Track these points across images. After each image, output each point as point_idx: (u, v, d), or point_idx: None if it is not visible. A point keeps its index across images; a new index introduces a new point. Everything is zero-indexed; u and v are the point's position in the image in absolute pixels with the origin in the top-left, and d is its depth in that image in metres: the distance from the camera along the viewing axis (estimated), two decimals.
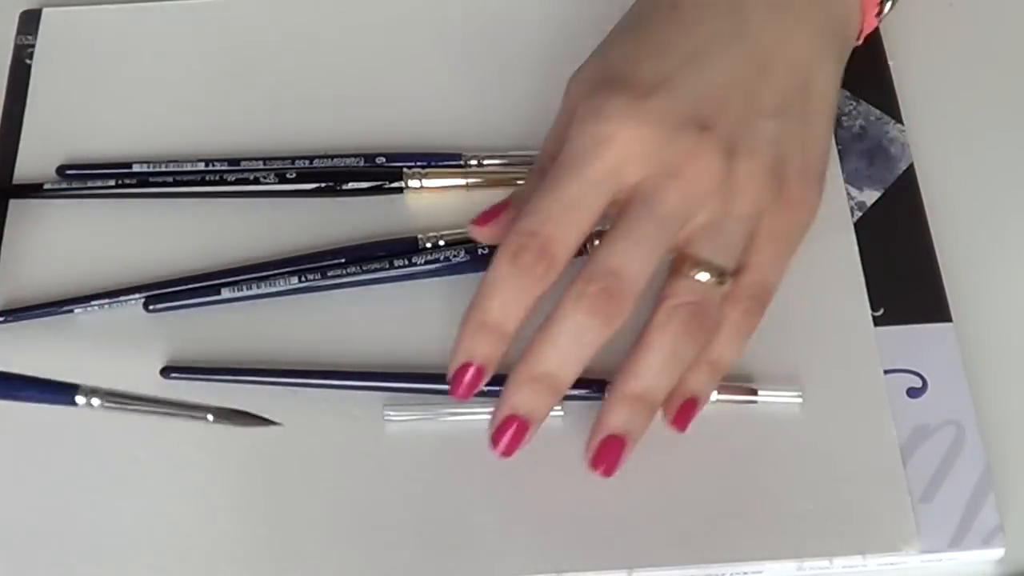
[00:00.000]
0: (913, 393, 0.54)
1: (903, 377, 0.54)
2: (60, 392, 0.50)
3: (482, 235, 0.54)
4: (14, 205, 0.60)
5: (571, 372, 0.49)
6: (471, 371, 0.49)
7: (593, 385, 0.53)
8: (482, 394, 0.50)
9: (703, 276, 0.50)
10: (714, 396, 0.53)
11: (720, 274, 0.50)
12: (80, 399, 0.51)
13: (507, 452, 0.50)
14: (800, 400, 0.53)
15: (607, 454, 0.50)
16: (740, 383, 0.53)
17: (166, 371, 0.55)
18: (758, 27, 0.52)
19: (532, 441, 0.51)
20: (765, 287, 0.52)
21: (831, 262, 0.57)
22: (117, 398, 0.50)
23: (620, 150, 0.49)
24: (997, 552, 0.51)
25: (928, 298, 0.56)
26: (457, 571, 0.51)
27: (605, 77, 0.51)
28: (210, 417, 0.51)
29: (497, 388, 0.50)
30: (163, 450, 0.54)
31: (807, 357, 0.55)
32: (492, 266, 0.49)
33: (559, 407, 0.52)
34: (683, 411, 0.51)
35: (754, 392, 0.53)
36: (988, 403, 0.54)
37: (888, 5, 0.57)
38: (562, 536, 0.51)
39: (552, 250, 0.49)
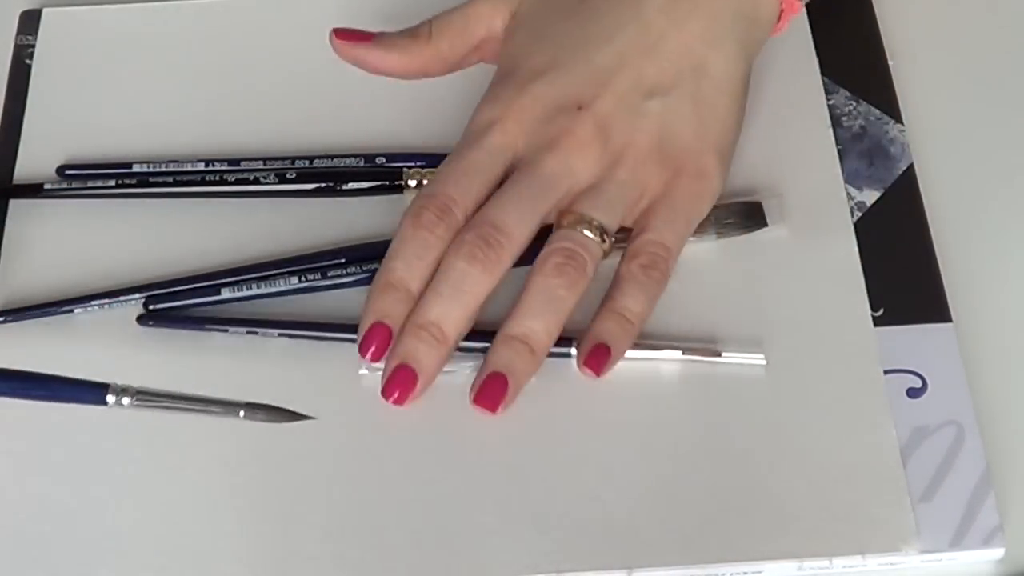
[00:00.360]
0: (913, 393, 0.54)
1: (903, 377, 0.54)
2: (90, 391, 0.51)
3: (340, 47, 0.61)
4: (14, 205, 0.60)
5: (454, 321, 0.53)
6: (380, 329, 0.53)
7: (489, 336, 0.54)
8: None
9: (580, 228, 0.54)
10: (678, 356, 0.54)
11: (600, 230, 0.54)
12: (111, 398, 0.51)
13: (399, 400, 0.53)
14: (764, 363, 0.54)
15: (489, 391, 0.53)
16: (705, 344, 0.55)
17: (143, 318, 0.56)
18: (654, 14, 0.57)
19: (532, 440, 0.51)
20: (663, 246, 0.55)
21: (831, 262, 0.57)
22: (147, 396, 0.51)
23: (508, 127, 0.55)
24: (997, 552, 0.51)
25: (928, 298, 0.56)
26: (457, 571, 0.51)
27: (503, 69, 0.58)
28: (241, 413, 0.51)
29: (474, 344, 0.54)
30: (163, 450, 0.54)
31: (807, 357, 0.55)
32: (397, 230, 0.54)
33: (451, 366, 0.54)
34: (593, 355, 0.54)
35: (718, 353, 0.54)
36: (988, 403, 0.54)
37: None
38: (562, 536, 0.51)
39: (449, 207, 0.54)
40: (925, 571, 0.51)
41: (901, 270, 0.57)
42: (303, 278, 0.56)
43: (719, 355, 0.54)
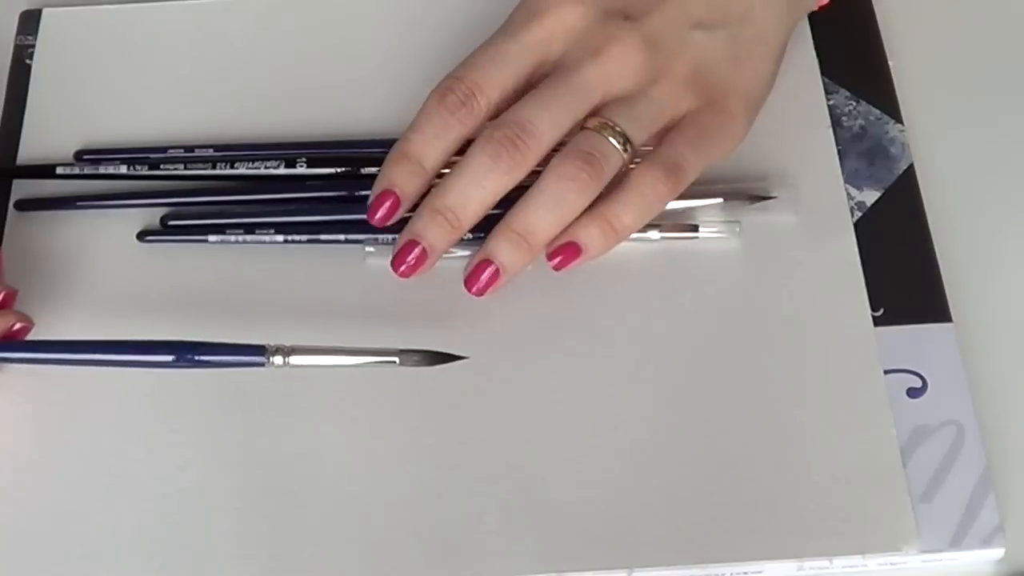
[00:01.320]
0: (913, 393, 0.54)
1: (903, 377, 0.54)
2: (248, 353, 0.51)
3: None
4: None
5: (470, 210, 0.54)
6: (390, 198, 0.55)
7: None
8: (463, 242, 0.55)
9: (605, 134, 0.54)
10: (656, 235, 0.56)
11: (624, 139, 0.54)
12: (269, 359, 0.50)
13: (405, 273, 0.55)
14: (739, 231, 0.57)
15: (478, 275, 0.54)
16: (681, 221, 0.57)
17: (142, 235, 0.58)
18: None
19: (532, 440, 0.51)
20: (677, 163, 0.55)
21: (831, 262, 0.57)
22: (302, 352, 0.50)
23: (551, 23, 0.55)
24: (997, 552, 0.51)
25: (928, 298, 0.56)
26: (457, 571, 0.51)
27: None
28: (397, 360, 0.52)
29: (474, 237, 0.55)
30: (163, 450, 0.54)
31: (807, 357, 0.55)
32: (422, 106, 0.55)
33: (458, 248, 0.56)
34: (563, 251, 0.54)
35: (695, 228, 0.57)
36: (988, 403, 0.54)
37: None
38: (562, 536, 0.51)
39: (475, 93, 0.54)
40: (925, 571, 0.51)
41: (901, 270, 0.57)
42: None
43: (696, 230, 0.57)
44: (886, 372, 0.54)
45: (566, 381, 0.54)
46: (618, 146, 0.54)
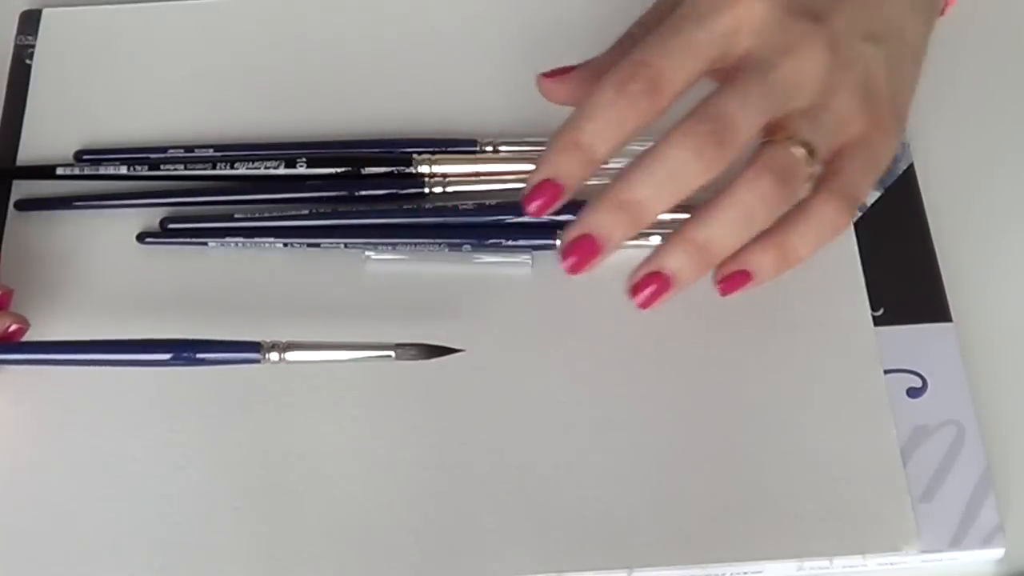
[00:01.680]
0: (913, 393, 0.54)
1: (903, 377, 0.54)
2: (244, 350, 0.51)
3: (549, 89, 0.56)
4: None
5: (658, 206, 0.49)
6: (551, 187, 0.50)
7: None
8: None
9: (796, 149, 0.50)
10: (657, 241, 0.54)
11: (811, 152, 0.50)
12: (265, 355, 0.50)
13: (575, 268, 0.50)
14: None
15: (648, 286, 0.51)
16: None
17: (142, 237, 0.58)
18: None
19: (532, 440, 0.51)
20: (856, 195, 0.52)
21: (831, 262, 0.57)
22: (298, 348, 0.50)
23: (741, 14, 0.51)
24: (997, 552, 0.51)
25: (928, 298, 0.56)
26: (457, 571, 0.51)
27: None
28: (393, 354, 0.51)
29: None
30: (163, 450, 0.54)
31: (807, 357, 0.55)
32: (597, 90, 0.50)
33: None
34: (734, 279, 0.52)
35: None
36: (988, 403, 0.54)
37: None
38: (562, 536, 0.51)
39: (661, 85, 0.49)
40: (925, 571, 0.51)
41: (901, 270, 0.57)
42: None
43: None
44: (886, 372, 0.54)
45: (567, 381, 0.54)
46: (806, 164, 0.50)
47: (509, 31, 0.64)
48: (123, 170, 0.60)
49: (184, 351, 0.51)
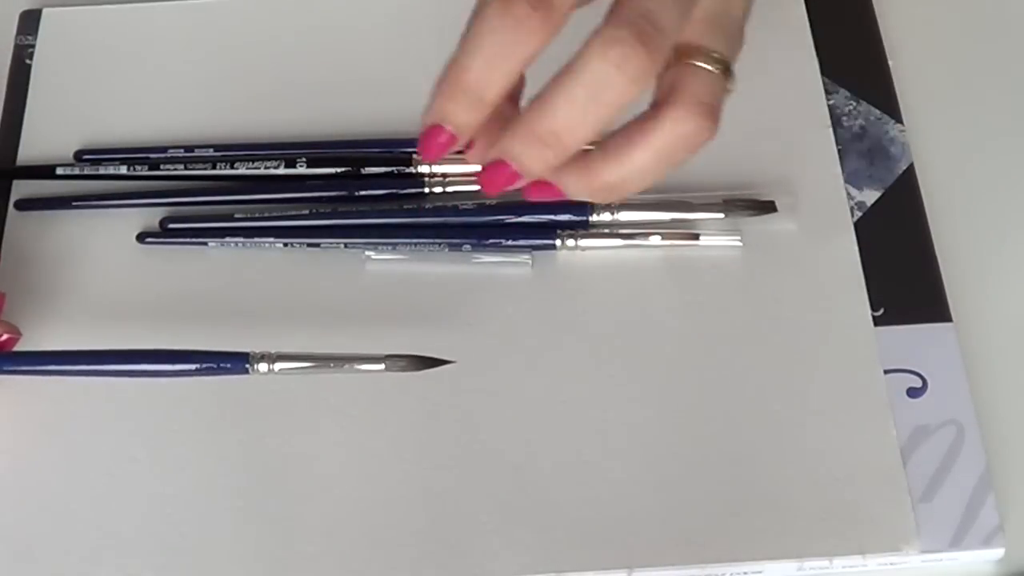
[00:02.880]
0: (913, 393, 0.54)
1: (903, 377, 0.54)
2: (232, 360, 0.50)
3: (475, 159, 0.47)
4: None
5: (580, 133, 0.43)
6: (443, 135, 0.44)
7: None
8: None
9: (715, 70, 0.45)
10: (657, 241, 0.56)
11: (726, 72, 0.46)
12: (253, 366, 0.50)
13: (489, 192, 0.45)
14: (740, 244, 0.57)
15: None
16: (683, 230, 0.57)
17: (142, 237, 0.58)
18: None
19: (532, 440, 0.51)
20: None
21: (831, 262, 0.57)
22: (288, 359, 0.50)
23: None
24: (997, 552, 0.51)
25: (928, 298, 0.56)
26: (457, 571, 0.51)
27: None
28: (382, 366, 0.50)
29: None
30: (163, 450, 0.54)
31: (807, 357, 0.55)
32: (476, 15, 0.43)
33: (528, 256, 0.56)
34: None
35: (696, 237, 0.57)
36: (988, 403, 0.54)
37: None
38: (562, 536, 0.51)
39: None
40: (925, 571, 0.51)
41: (901, 270, 0.57)
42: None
43: (697, 238, 0.57)
44: (886, 372, 0.54)
45: (567, 382, 0.54)
46: (725, 89, 0.45)
47: None
48: (123, 170, 0.60)
49: (168, 362, 0.51)
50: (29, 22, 0.66)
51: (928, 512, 0.51)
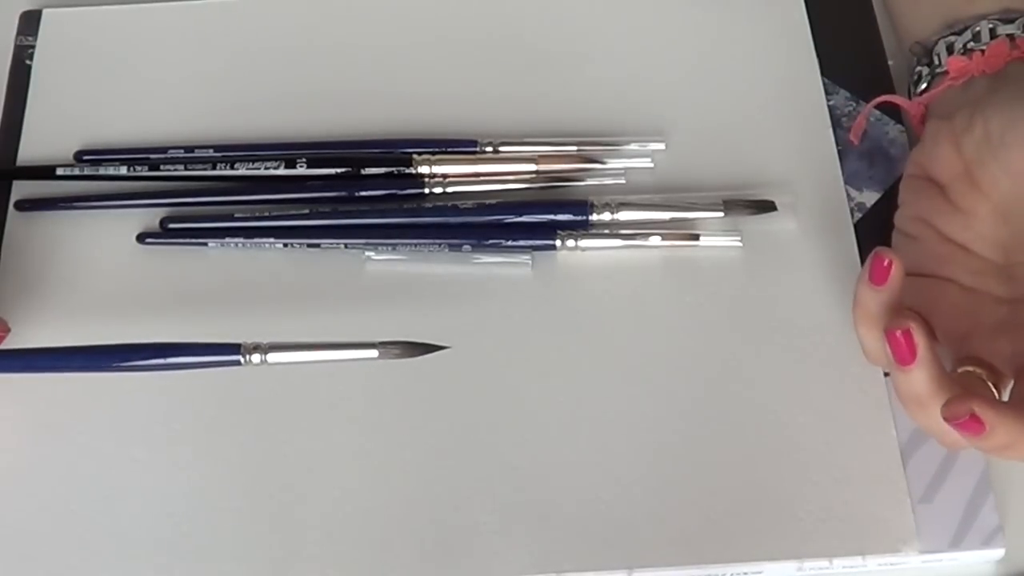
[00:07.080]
0: None
1: None
2: (224, 352, 0.50)
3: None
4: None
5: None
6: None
7: None
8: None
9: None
10: (657, 241, 0.56)
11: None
12: (246, 357, 0.50)
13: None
14: (740, 244, 0.57)
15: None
16: (683, 230, 0.57)
17: (142, 237, 0.58)
18: None
19: (532, 441, 0.51)
20: None
21: (831, 263, 0.57)
22: (280, 349, 0.50)
23: None
24: (997, 552, 0.51)
25: None
26: (457, 571, 0.51)
27: None
28: (375, 353, 0.50)
29: None
30: (164, 450, 0.54)
31: (807, 357, 0.55)
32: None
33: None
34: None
35: (696, 237, 0.57)
36: None
37: None
38: (562, 536, 0.51)
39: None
40: (925, 571, 0.51)
41: None
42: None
43: (697, 238, 0.57)
44: (886, 372, 0.54)
45: (567, 383, 0.54)
46: None
47: (509, 31, 0.64)
48: (123, 170, 0.60)
49: (160, 355, 0.51)
50: (29, 23, 0.66)
51: (928, 513, 0.51)
